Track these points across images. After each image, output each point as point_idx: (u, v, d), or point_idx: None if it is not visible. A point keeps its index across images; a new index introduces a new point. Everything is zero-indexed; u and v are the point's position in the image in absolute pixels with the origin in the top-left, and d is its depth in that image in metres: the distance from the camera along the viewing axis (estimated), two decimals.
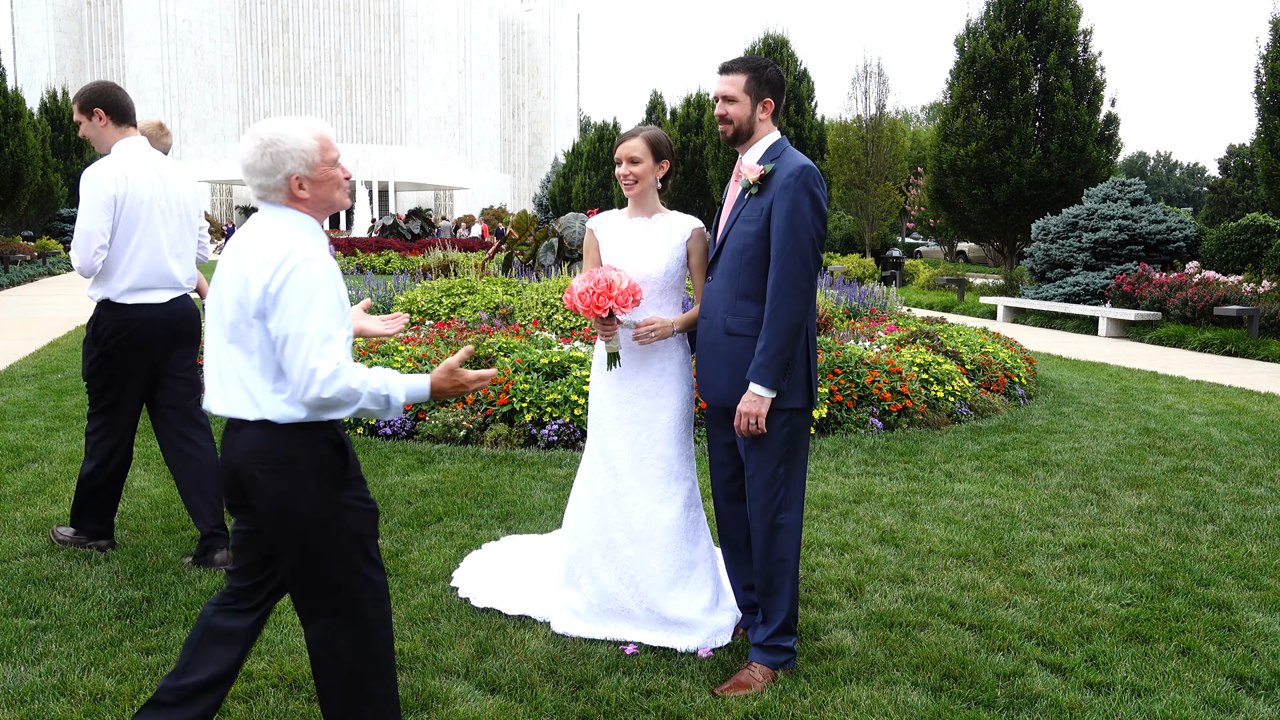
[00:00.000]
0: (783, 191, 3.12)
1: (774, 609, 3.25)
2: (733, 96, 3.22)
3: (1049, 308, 16.32)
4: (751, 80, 3.21)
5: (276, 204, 2.49)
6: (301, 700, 3.09)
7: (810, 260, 3.11)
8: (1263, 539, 4.79)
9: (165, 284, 4.26)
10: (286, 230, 2.45)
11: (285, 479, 2.43)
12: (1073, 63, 20.17)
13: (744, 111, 3.23)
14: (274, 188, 2.46)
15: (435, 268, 15.51)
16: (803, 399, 3.22)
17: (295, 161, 2.45)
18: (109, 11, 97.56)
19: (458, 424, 6.46)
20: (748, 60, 3.25)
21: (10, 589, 3.93)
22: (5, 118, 26.53)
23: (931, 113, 76.26)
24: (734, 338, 3.22)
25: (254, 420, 2.43)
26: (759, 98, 3.23)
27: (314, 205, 2.52)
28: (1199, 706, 3.13)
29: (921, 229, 37.05)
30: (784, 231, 3.10)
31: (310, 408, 2.39)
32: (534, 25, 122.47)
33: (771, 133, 3.29)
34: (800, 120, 30.39)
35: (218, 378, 2.50)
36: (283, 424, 2.42)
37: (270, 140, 2.43)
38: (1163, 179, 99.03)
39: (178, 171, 4.34)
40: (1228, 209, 51.07)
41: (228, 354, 2.46)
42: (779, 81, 3.26)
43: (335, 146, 2.54)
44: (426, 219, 35.74)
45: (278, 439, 2.43)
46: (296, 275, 2.34)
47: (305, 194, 2.48)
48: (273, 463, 2.42)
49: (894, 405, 7.06)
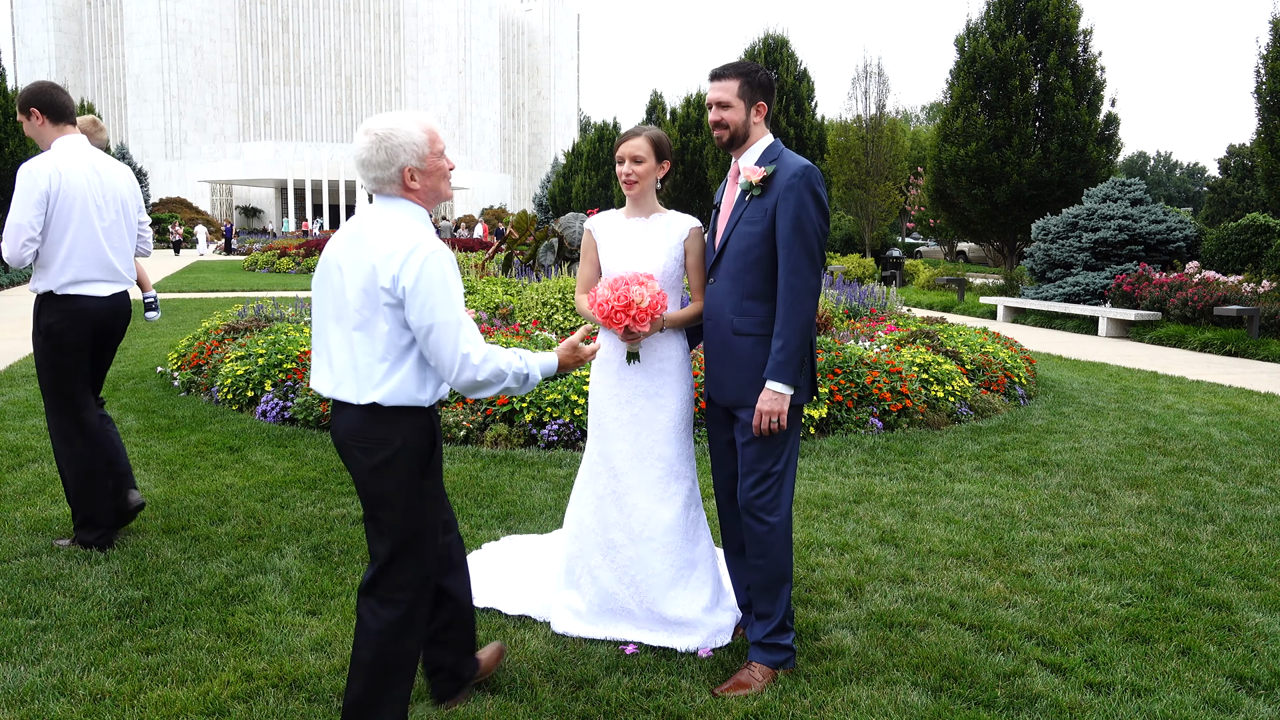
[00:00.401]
0: (787, 192, 3.15)
1: (770, 607, 3.26)
2: (727, 102, 3.25)
3: (1049, 308, 16.32)
4: (744, 85, 3.24)
5: (391, 195, 2.64)
6: (301, 700, 3.09)
7: (817, 258, 3.16)
8: (1263, 539, 4.79)
9: (107, 276, 4.41)
10: (407, 221, 2.60)
11: (377, 457, 2.61)
12: (1073, 63, 20.17)
13: (739, 116, 3.26)
14: (389, 180, 2.62)
15: None
16: (805, 394, 3.27)
17: (408, 154, 2.60)
18: (109, 11, 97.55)
19: (458, 424, 6.46)
20: (739, 65, 3.27)
21: (10, 589, 3.93)
22: (5, 118, 26.53)
23: (931, 113, 76.26)
24: (742, 338, 3.24)
25: (362, 405, 2.60)
26: (752, 101, 3.26)
27: (424, 195, 2.68)
28: (1199, 706, 3.13)
29: (921, 229, 37.06)
30: (791, 231, 3.13)
31: (463, 388, 2.59)
32: (534, 25, 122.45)
33: (766, 135, 3.32)
34: (800, 120, 30.38)
35: (328, 361, 2.67)
36: (387, 407, 2.59)
37: (384, 135, 2.58)
38: (1163, 179, 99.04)
39: (115, 168, 4.51)
40: (1228, 209, 51.09)
41: (347, 340, 2.61)
42: (770, 85, 3.30)
43: (442, 139, 2.70)
44: None
45: (377, 421, 2.60)
46: (428, 267, 2.51)
47: (416, 185, 2.64)
48: (369, 441, 2.61)
49: (894, 405, 7.06)
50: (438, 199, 2.71)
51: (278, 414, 7.11)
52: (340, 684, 3.17)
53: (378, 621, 2.67)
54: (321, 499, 5.22)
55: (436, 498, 2.76)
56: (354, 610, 3.76)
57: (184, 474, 5.71)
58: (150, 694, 3.10)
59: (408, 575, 2.69)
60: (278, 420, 7.08)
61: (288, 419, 7.09)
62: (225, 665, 3.31)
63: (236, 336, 8.67)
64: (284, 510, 5.02)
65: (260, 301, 10.90)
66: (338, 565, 4.25)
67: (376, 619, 2.68)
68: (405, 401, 2.60)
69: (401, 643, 2.70)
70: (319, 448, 6.32)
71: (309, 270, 29.04)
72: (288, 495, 5.28)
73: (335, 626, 3.62)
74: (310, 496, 5.27)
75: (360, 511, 4.99)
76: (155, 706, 3.03)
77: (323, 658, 3.37)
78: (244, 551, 4.39)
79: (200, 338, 9.08)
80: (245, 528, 4.73)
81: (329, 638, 3.52)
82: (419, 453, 2.66)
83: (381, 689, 2.68)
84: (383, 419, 2.60)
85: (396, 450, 2.61)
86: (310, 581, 4.04)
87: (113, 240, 4.42)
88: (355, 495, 5.28)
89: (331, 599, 3.87)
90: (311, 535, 4.62)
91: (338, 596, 3.90)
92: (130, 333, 12.82)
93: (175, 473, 5.73)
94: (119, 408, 7.60)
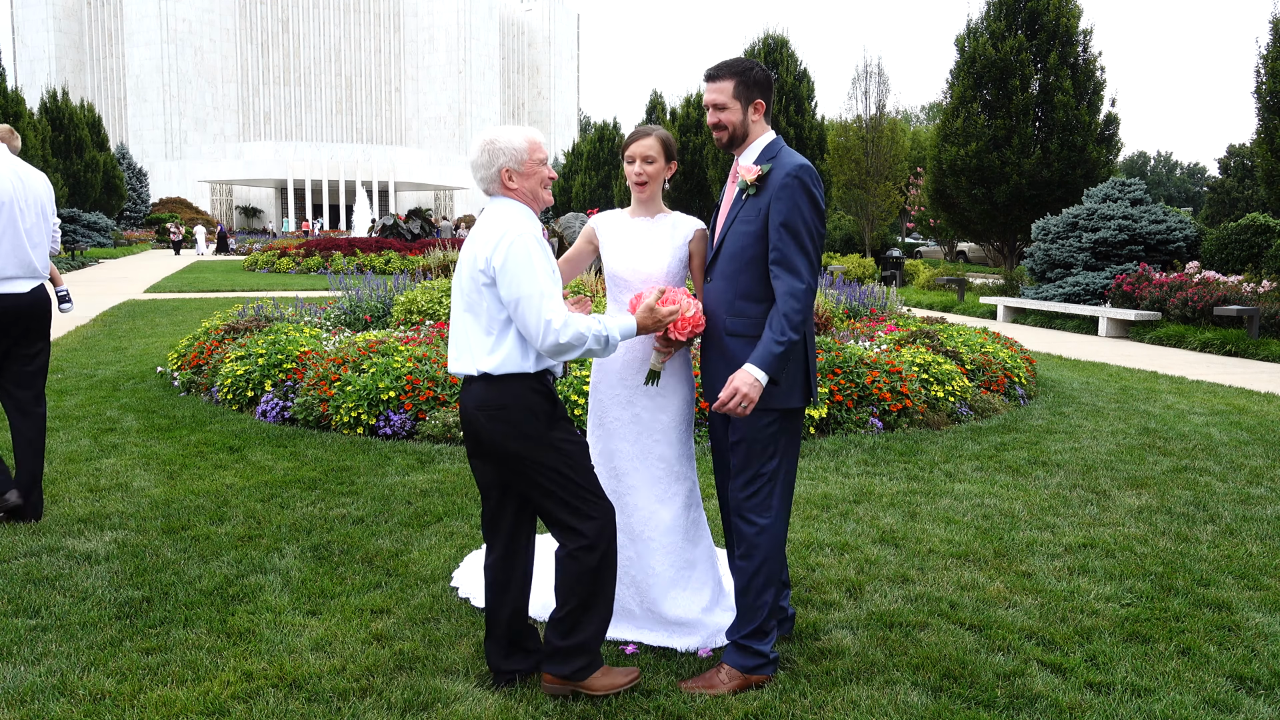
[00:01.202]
0: (781, 191, 3.10)
1: (751, 610, 3.21)
2: (723, 104, 3.20)
3: (1049, 308, 16.32)
4: (739, 84, 3.19)
5: (496, 195, 3.10)
6: (301, 700, 3.09)
7: (812, 258, 3.10)
8: (1263, 539, 4.79)
9: (27, 273, 4.79)
10: (504, 213, 3.03)
11: (502, 422, 2.98)
12: (1073, 63, 20.18)
13: (736, 116, 3.21)
14: (490, 179, 3.07)
15: (435, 268, 15.52)
16: (799, 398, 3.20)
17: (506, 157, 3.04)
18: (109, 11, 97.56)
19: (458, 424, 6.46)
20: (733, 64, 3.21)
21: (10, 589, 3.93)
22: (5, 118, 26.52)
23: (931, 113, 76.27)
24: (735, 338, 3.19)
25: (477, 375, 3.01)
26: (749, 100, 3.21)
27: (523, 195, 3.10)
28: (1199, 706, 3.12)
29: (921, 229, 37.06)
30: (782, 230, 3.08)
31: (549, 353, 2.95)
32: (534, 25, 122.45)
33: (766, 133, 3.27)
34: (800, 120, 30.39)
35: (454, 342, 3.09)
36: (498, 376, 2.98)
37: (490, 140, 3.06)
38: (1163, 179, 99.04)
39: (34, 174, 4.91)
40: (1228, 209, 51.09)
41: (463, 321, 3.05)
42: (767, 81, 3.24)
43: (544, 150, 3.12)
44: (426, 219, 35.72)
45: (495, 390, 2.98)
46: (515, 248, 2.91)
47: (514, 185, 3.07)
48: (492, 409, 2.99)
49: (894, 405, 7.06)
50: (539, 202, 3.12)
51: (278, 414, 7.11)
52: (340, 684, 3.18)
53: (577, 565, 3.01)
54: (321, 499, 5.23)
55: (576, 443, 3.06)
56: (354, 610, 3.76)
57: (184, 474, 5.71)
58: (150, 694, 3.10)
59: (579, 518, 3.00)
60: (278, 420, 7.08)
61: (288, 419, 7.09)
62: (225, 665, 3.31)
63: (236, 336, 8.67)
64: (284, 510, 5.02)
65: (260, 301, 10.90)
66: (338, 565, 4.25)
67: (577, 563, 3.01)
68: (512, 369, 2.97)
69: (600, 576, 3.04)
70: (319, 448, 6.32)
71: (309, 270, 29.04)
72: (288, 495, 5.28)
73: (335, 626, 3.62)
74: (310, 496, 5.27)
75: (360, 511, 4.99)
76: (155, 706, 3.03)
77: (323, 658, 3.37)
78: (244, 551, 4.39)
79: (200, 338, 9.08)
80: (245, 528, 4.74)
81: (329, 638, 3.52)
82: (537, 409, 3.00)
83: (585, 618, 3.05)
84: (495, 386, 2.98)
85: (514, 410, 2.97)
86: (310, 581, 4.04)
87: (34, 238, 4.80)
88: (355, 495, 5.28)
89: (331, 599, 3.87)
90: (311, 535, 4.62)
91: (338, 596, 3.90)
92: (130, 333, 12.82)
93: (175, 473, 5.73)
94: (119, 408, 7.61)
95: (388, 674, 3.26)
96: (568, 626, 3.05)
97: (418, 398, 6.70)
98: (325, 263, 29.23)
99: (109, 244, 42.49)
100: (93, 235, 40.65)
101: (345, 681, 3.19)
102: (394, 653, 3.40)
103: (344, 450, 6.26)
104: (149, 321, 14.33)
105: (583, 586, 3.02)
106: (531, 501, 3.09)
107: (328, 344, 7.92)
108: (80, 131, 43.10)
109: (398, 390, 6.71)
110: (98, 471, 5.73)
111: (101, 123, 49.26)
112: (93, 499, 5.18)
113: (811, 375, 3.23)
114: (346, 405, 6.69)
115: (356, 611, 3.75)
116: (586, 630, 3.05)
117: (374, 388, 6.72)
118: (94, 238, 40.63)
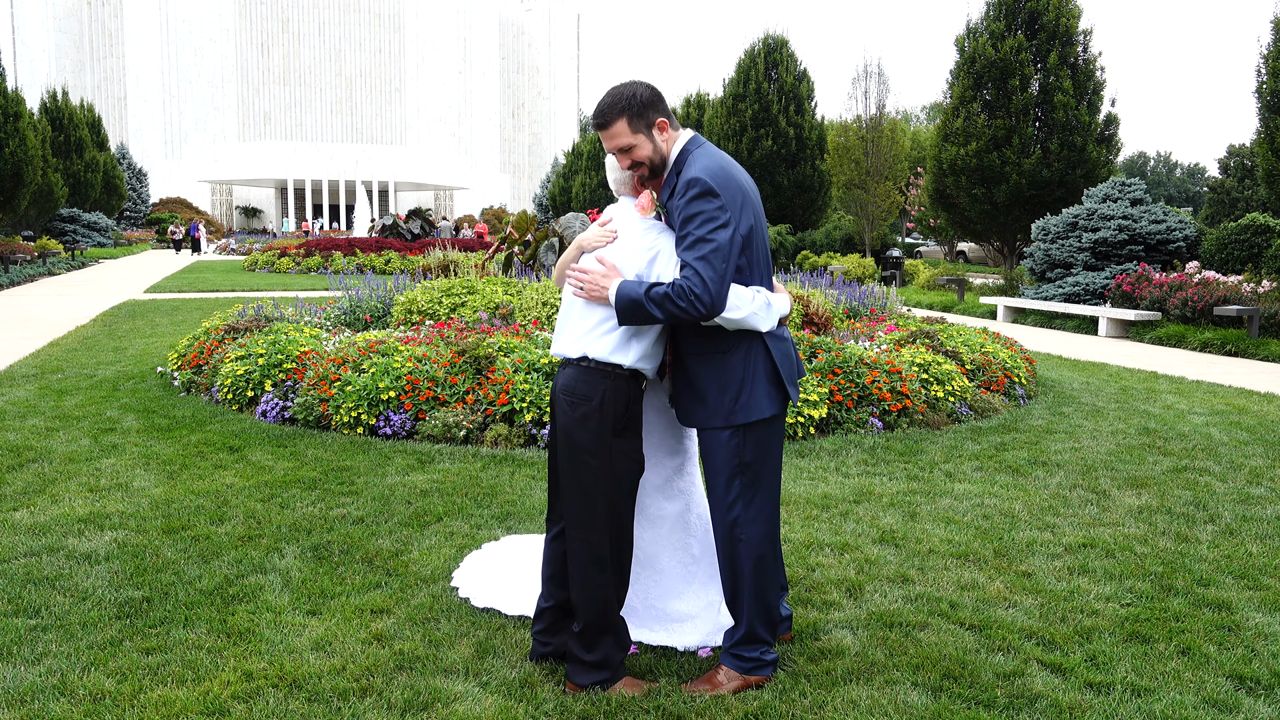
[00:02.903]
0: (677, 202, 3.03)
1: (739, 617, 3.21)
2: (627, 145, 3.05)
3: (1049, 308, 16.32)
4: (631, 118, 3.03)
5: (625, 194, 3.25)
6: (301, 700, 3.09)
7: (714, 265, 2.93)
8: (1263, 539, 4.79)
9: None
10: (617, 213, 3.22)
11: (578, 411, 3.04)
12: (1073, 63, 20.17)
13: (646, 148, 3.07)
14: (622, 181, 3.22)
15: (435, 268, 15.51)
16: (766, 408, 3.11)
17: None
18: (109, 11, 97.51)
19: (458, 424, 6.46)
20: (614, 102, 3.03)
21: (10, 589, 3.93)
22: (5, 118, 26.52)
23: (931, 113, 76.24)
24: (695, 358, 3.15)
25: (575, 358, 3.09)
26: (649, 125, 3.06)
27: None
28: (1199, 706, 3.13)
29: (921, 229, 37.05)
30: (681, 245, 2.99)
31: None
32: (534, 25, 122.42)
33: (680, 136, 3.14)
34: (800, 120, 30.40)
35: (561, 327, 3.19)
36: (593, 366, 3.05)
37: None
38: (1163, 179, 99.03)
39: None
40: (1228, 209, 51.08)
41: (570, 305, 3.16)
42: (651, 98, 3.06)
43: None
44: (426, 219, 35.73)
45: (585, 378, 3.05)
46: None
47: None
48: (575, 396, 3.05)
49: (894, 405, 7.06)
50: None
51: (278, 414, 7.11)
52: (340, 684, 3.18)
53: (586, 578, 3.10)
54: (321, 499, 5.23)
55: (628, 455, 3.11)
56: (354, 610, 3.76)
57: (184, 474, 5.71)
58: (150, 694, 3.10)
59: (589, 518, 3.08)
60: (278, 420, 7.08)
61: (288, 419, 7.09)
62: (225, 665, 3.31)
63: (236, 336, 8.67)
64: (284, 510, 5.02)
65: (260, 301, 10.90)
66: (338, 565, 4.25)
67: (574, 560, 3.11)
68: (608, 358, 3.04)
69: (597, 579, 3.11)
70: (319, 448, 6.32)
71: (309, 270, 29.05)
72: (288, 495, 5.28)
73: (335, 626, 3.62)
74: (310, 496, 5.27)
75: (360, 511, 5.00)
76: (155, 706, 3.03)
77: (323, 658, 3.37)
78: (244, 551, 4.39)
79: (200, 338, 9.08)
80: (245, 528, 4.74)
81: (329, 638, 3.52)
82: (613, 412, 3.05)
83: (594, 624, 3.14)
84: (589, 375, 3.05)
85: (595, 405, 3.02)
86: (310, 581, 4.05)
87: None
88: (355, 495, 5.28)
89: (331, 599, 3.87)
90: (311, 535, 4.62)
91: (338, 596, 3.90)
92: (130, 333, 12.82)
93: (175, 473, 5.73)
94: (119, 408, 7.61)
95: (388, 674, 3.26)
96: (588, 640, 3.12)
97: (418, 398, 6.70)
98: (325, 263, 29.24)
99: (109, 244, 42.52)
100: (93, 235, 40.69)
101: (345, 681, 3.20)
102: (394, 653, 3.40)
103: (344, 450, 6.26)
104: (149, 321, 14.33)
105: (595, 597, 3.10)
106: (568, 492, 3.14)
107: (328, 344, 7.92)
108: (80, 131, 43.09)
109: (398, 390, 6.71)
110: (98, 471, 5.73)
111: (101, 123, 49.25)
112: (93, 499, 5.18)
113: (786, 380, 3.15)
114: (346, 405, 6.69)
115: (356, 611, 3.75)
116: (607, 642, 3.13)
117: (374, 388, 6.72)
118: (94, 237, 40.67)
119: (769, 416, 3.13)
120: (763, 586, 3.19)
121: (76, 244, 37.32)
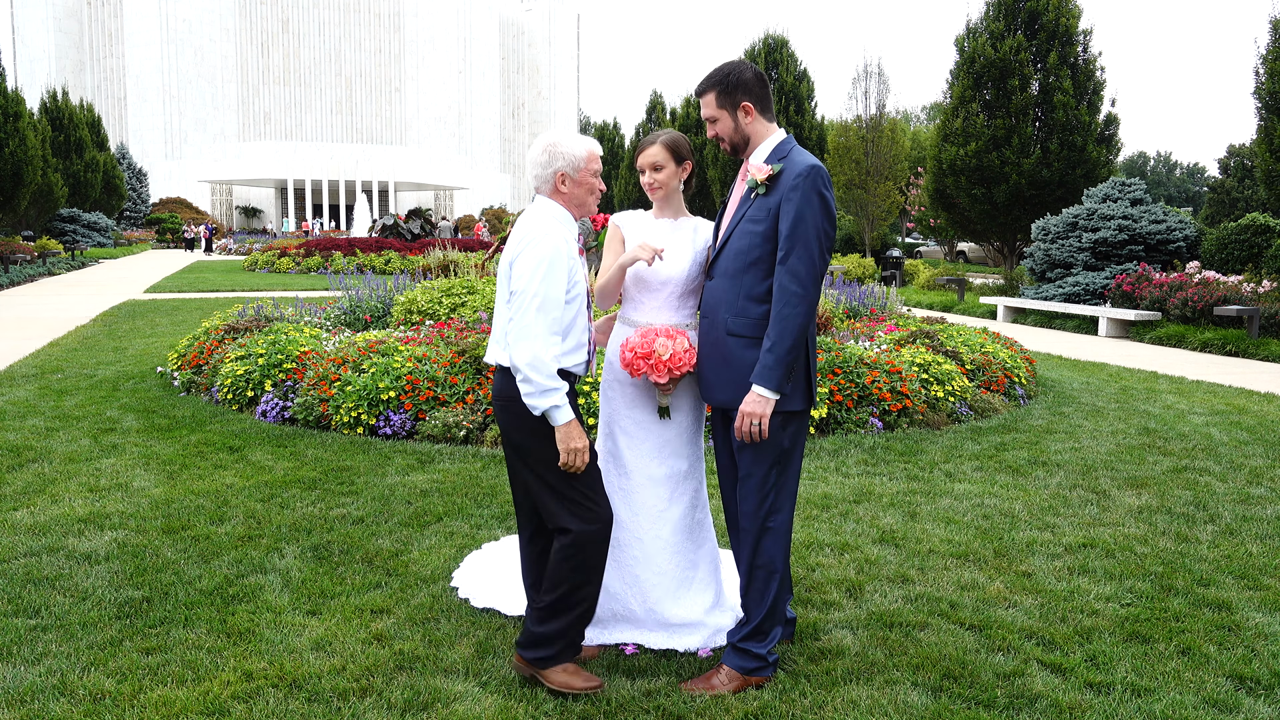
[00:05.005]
0: (790, 192, 3.07)
1: (753, 609, 3.22)
2: (712, 116, 3.24)
3: (1049, 308, 16.31)
4: (720, 94, 3.19)
5: (544, 194, 3.20)
6: (301, 700, 3.09)
7: (817, 262, 3.07)
8: (1263, 539, 4.79)
9: None
10: (541, 214, 3.15)
11: (509, 414, 3.11)
12: (1073, 63, 20.17)
13: (727, 125, 3.22)
14: (544, 179, 3.18)
15: (435, 268, 15.52)
16: (801, 401, 3.19)
17: (563, 161, 3.15)
18: (109, 11, 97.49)
19: (458, 424, 6.46)
20: (713, 75, 3.21)
21: (10, 589, 3.93)
22: (5, 118, 26.52)
23: (931, 113, 76.26)
24: (735, 339, 3.18)
25: (501, 366, 3.14)
26: (734, 105, 3.19)
27: (570, 201, 3.20)
28: (1199, 706, 3.13)
29: (921, 229, 37.06)
30: (791, 232, 3.06)
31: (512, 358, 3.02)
32: (534, 25, 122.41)
33: (774, 133, 3.25)
34: (800, 120, 30.39)
35: (492, 333, 3.22)
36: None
37: (552, 143, 3.18)
38: (1163, 179, 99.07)
39: None
40: (1228, 209, 51.09)
41: (501, 313, 3.17)
42: (751, 81, 3.19)
43: (600, 163, 3.25)
44: (426, 219, 35.71)
45: (509, 381, 3.09)
46: (533, 248, 3.02)
47: (565, 189, 3.18)
48: (505, 400, 3.12)
49: (894, 405, 7.06)
50: (584, 209, 3.23)
51: (278, 414, 7.11)
52: (340, 684, 3.18)
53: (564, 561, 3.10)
54: (321, 499, 5.23)
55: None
56: (354, 610, 3.77)
57: (184, 474, 5.71)
58: (150, 694, 3.10)
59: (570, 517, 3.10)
60: (278, 420, 7.08)
61: (288, 419, 7.09)
62: (225, 665, 3.31)
63: (236, 336, 8.67)
64: (284, 510, 5.02)
65: (260, 301, 10.90)
66: (338, 565, 4.25)
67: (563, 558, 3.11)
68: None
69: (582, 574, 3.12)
70: (319, 448, 6.32)
71: (309, 270, 29.04)
72: (288, 495, 5.28)
73: (335, 626, 3.62)
74: (310, 496, 5.27)
75: (360, 511, 5.00)
76: (155, 706, 3.03)
77: (323, 658, 3.37)
78: (244, 551, 4.39)
79: (200, 338, 9.08)
80: (245, 528, 4.74)
81: (329, 638, 3.52)
82: None
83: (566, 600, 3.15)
84: (510, 378, 3.08)
85: (521, 403, 3.04)
86: (310, 581, 4.05)
87: None
88: (355, 495, 5.28)
89: (331, 599, 3.87)
90: (311, 535, 4.62)
91: (338, 596, 3.90)
92: (130, 333, 12.82)
93: (175, 473, 5.73)
94: (119, 408, 7.61)
95: (388, 674, 3.26)
96: (544, 615, 3.14)
97: (418, 398, 6.70)
98: (325, 263, 29.24)
99: (109, 244, 42.51)
100: (93, 235, 40.68)
101: (345, 681, 3.20)
102: (394, 653, 3.40)
103: (344, 450, 6.26)
104: (149, 321, 14.33)
105: (565, 582, 3.11)
106: (530, 493, 3.18)
107: (328, 344, 7.92)
108: (80, 131, 43.10)
109: (398, 390, 6.71)
110: (98, 471, 5.73)
111: (101, 123, 49.25)
112: (93, 499, 5.18)
113: (812, 378, 3.22)
114: (346, 405, 6.69)
115: (356, 611, 3.75)
116: (559, 622, 3.14)
117: (374, 388, 6.72)
118: (94, 238, 40.66)
119: (800, 410, 3.21)
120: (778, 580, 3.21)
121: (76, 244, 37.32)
